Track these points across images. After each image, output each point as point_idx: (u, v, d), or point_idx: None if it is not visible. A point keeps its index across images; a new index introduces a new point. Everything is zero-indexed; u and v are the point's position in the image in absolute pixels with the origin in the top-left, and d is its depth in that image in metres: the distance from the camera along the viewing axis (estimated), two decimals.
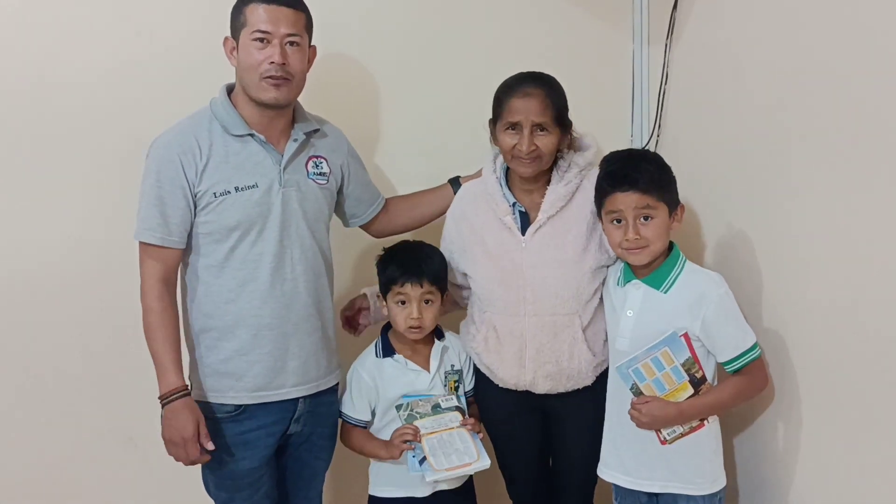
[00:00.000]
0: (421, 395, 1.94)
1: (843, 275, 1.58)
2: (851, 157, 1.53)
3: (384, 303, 1.97)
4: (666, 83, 2.31)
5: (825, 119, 1.61)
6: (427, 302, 1.92)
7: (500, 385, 1.96)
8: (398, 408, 1.93)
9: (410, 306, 1.91)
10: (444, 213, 2.09)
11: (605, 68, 2.45)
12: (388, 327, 2.02)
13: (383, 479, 2.00)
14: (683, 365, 1.72)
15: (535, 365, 1.89)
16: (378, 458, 1.95)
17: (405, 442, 1.88)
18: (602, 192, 1.80)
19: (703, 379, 1.74)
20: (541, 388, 1.92)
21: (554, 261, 1.88)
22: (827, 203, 1.61)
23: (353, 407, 1.98)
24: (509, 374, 1.93)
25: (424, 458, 1.85)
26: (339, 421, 2.01)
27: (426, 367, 1.97)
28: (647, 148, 2.36)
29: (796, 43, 1.71)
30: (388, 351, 1.98)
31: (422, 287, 1.91)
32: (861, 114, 1.50)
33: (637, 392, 1.75)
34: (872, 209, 1.49)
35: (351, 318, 2.15)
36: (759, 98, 1.86)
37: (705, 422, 1.76)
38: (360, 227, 2.16)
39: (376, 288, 2.03)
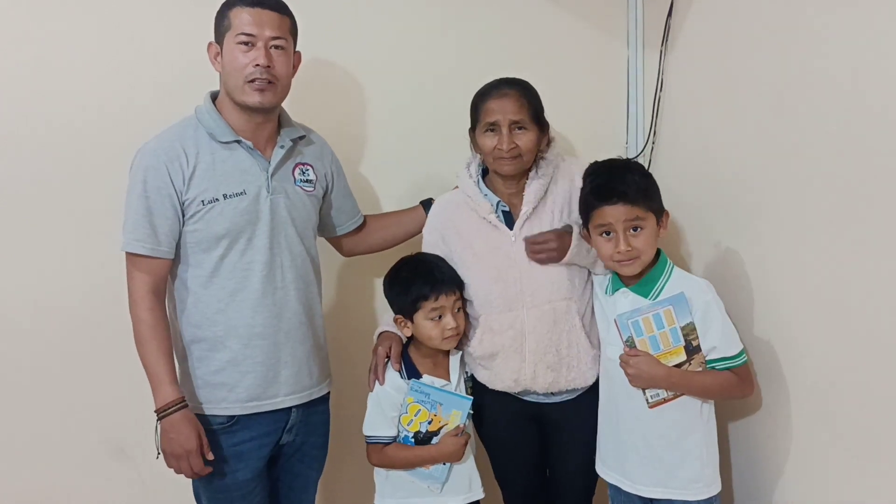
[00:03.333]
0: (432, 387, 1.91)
1: (833, 282, 1.58)
2: (844, 165, 1.53)
3: (408, 324, 1.92)
4: (661, 90, 2.30)
5: (819, 125, 1.60)
6: (458, 309, 1.92)
7: (500, 388, 1.94)
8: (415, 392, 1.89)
9: (446, 317, 1.89)
10: (414, 235, 2.09)
11: (600, 75, 2.44)
12: (406, 344, 1.99)
13: (391, 489, 1.95)
14: (683, 329, 1.72)
15: (535, 357, 1.89)
16: (434, 462, 1.90)
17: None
18: (589, 206, 1.79)
19: (698, 349, 1.73)
20: (541, 382, 1.90)
21: None
22: (822, 211, 1.61)
23: (382, 425, 1.91)
24: (509, 370, 1.91)
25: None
26: (367, 446, 1.93)
27: (448, 377, 1.95)
28: (640, 154, 2.35)
29: (792, 50, 1.70)
30: (412, 373, 1.93)
31: (455, 294, 1.90)
32: (855, 122, 1.49)
33: (631, 345, 1.76)
34: (863, 218, 1.48)
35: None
36: (754, 104, 1.85)
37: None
38: (332, 241, 2.15)
39: (383, 325, 2.02)
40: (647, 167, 2.10)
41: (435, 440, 1.89)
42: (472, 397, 1.91)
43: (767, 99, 1.79)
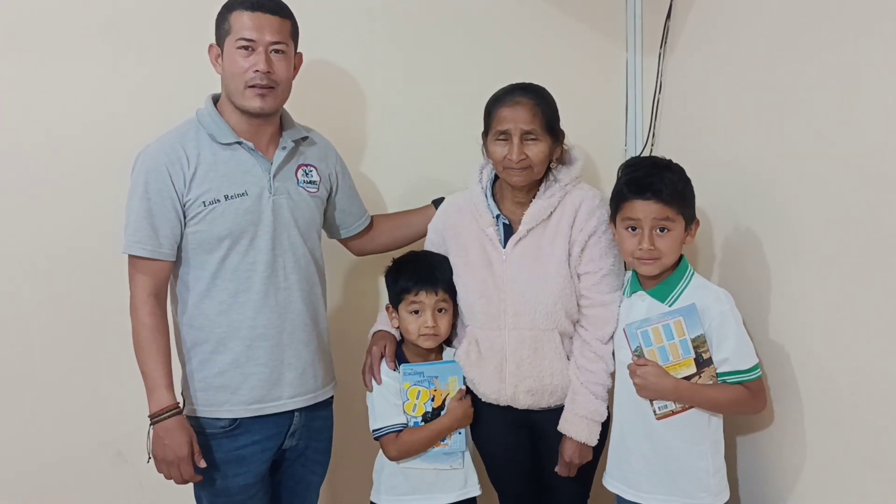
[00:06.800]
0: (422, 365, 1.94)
1: (844, 290, 1.56)
2: (847, 168, 1.52)
3: (395, 314, 1.96)
4: (660, 92, 2.31)
5: (820, 129, 1.60)
6: (440, 310, 1.92)
7: (485, 400, 1.94)
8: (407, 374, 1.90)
9: (425, 315, 1.90)
10: (424, 235, 2.08)
11: (600, 78, 2.45)
12: (401, 340, 2.00)
13: (387, 485, 1.96)
14: (693, 341, 1.70)
15: (515, 380, 1.88)
16: (450, 430, 1.91)
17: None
18: (621, 198, 1.75)
19: (710, 361, 1.70)
20: (522, 403, 1.90)
21: (533, 274, 1.87)
22: (821, 213, 1.61)
23: (390, 414, 1.91)
24: (490, 389, 1.91)
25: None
26: (381, 442, 1.92)
27: None
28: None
29: (791, 53, 1.71)
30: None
31: (436, 295, 1.91)
32: (858, 120, 1.50)
33: (640, 354, 1.74)
34: (868, 223, 1.47)
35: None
36: (753, 106, 1.86)
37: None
38: (342, 241, 2.15)
39: (378, 324, 2.02)
40: None
41: (444, 413, 1.91)
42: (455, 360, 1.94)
43: (766, 101, 1.80)
